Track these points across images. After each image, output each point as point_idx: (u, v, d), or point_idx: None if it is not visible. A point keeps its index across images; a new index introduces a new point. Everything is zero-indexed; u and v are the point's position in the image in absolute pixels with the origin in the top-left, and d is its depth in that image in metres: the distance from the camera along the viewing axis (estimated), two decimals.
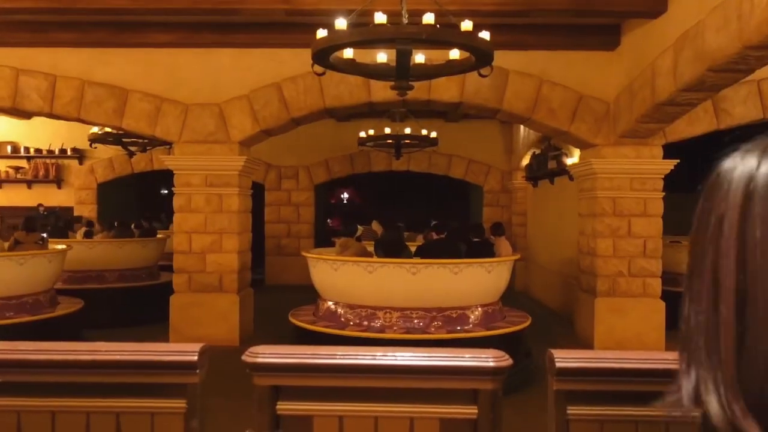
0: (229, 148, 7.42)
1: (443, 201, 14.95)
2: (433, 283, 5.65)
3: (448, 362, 1.44)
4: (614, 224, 7.36)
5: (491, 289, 6.07)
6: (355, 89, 7.32)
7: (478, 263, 5.89)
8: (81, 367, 1.49)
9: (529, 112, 7.37)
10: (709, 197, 0.71)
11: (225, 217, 7.46)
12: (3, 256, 6.39)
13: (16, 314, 6.33)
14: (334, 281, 6.01)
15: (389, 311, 5.73)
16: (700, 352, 0.66)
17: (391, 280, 5.65)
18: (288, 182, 13.34)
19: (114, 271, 8.57)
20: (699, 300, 0.68)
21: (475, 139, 13.20)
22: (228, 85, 7.44)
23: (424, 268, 5.63)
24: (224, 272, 7.47)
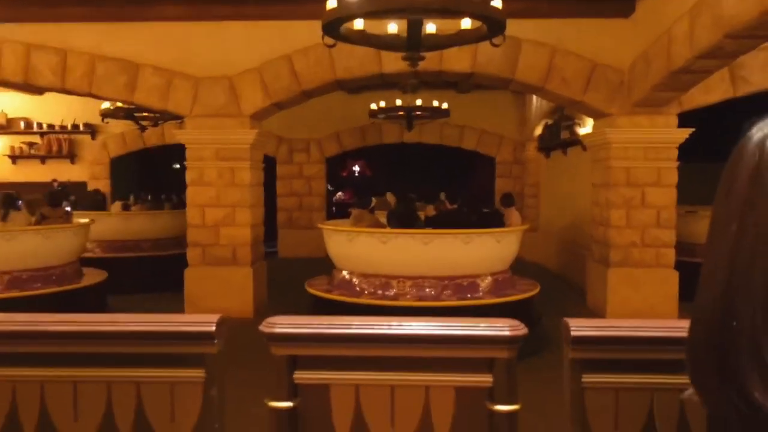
0: (241, 122, 7.42)
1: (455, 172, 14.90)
2: (445, 252, 5.82)
3: (464, 331, 1.45)
4: (628, 194, 7.31)
5: (501, 258, 6.25)
6: (365, 61, 7.26)
7: (488, 233, 6.07)
8: (102, 338, 1.52)
9: (542, 82, 7.29)
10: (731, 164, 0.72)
11: (237, 190, 7.49)
12: (30, 229, 6.64)
13: (44, 285, 6.56)
14: (349, 252, 6.19)
15: (402, 280, 5.90)
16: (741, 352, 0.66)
17: (404, 250, 5.84)
18: (299, 155, 13.34)
19: (148, 240, 9.34)
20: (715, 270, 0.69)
21: (487, 109, 13.09)
22: (239, 59, 7.40)
23: (435, 238, 5.81)
24: (237, 245, 7.52)
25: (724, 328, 0.67)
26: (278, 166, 13.32)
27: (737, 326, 0.66)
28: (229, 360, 1.69)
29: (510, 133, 13.24)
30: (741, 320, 0.66)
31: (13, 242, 6.37)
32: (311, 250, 12.96)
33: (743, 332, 0.66)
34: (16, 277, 6.44)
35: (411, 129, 10.89)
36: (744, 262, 0.67)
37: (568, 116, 9.75)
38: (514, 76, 7.31)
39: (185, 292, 7.53)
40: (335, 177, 18.05)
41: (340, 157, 15.30)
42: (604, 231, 7.53)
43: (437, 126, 12.73)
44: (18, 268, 6.44)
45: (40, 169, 13.05)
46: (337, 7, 4.20)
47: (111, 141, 13.17)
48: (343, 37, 4.55)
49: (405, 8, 4.17)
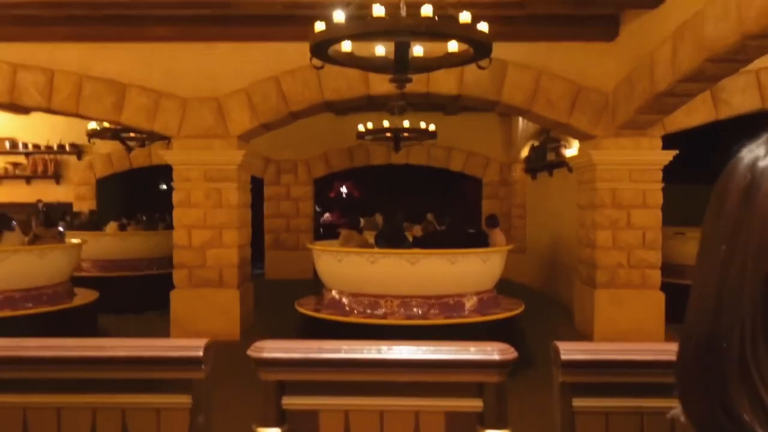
0: (228, 143, 7.41)
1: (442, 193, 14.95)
2: (432, 272, 6.03)
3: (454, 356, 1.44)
4: (614, 216, 7.37)
5: (486, 278, 6.46)
6: (353, 82, 7.30)
7: (474, 253, 6.30)
8: (87, 363, 1.49)
9: (527, 104, 7.36)
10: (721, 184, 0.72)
11: (224, 211, 7.45)
12: (24, 249, 6.71)
13: (36, 305, 6.60)
14: (338, 271, 6.36)
15: (390, 299, 6.06)
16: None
17: (391, 270, 6.02)
18: (287, 176, 13.33)
19: (143, 259, 9.44)
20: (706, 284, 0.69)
21: (474, 131, 13.18)
22: (227, 79, 7.42)
23: (422, 258, 6.02)
24: (224, 267, 7.47)
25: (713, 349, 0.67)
26: (266, 187, 13.29)
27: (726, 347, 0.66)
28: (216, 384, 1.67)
29: (497, 155, 13.33)
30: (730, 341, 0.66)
31: (6, 262, 6.42)
32: (299, 272, 12.89)
33: (732, 353, 0.66)
34: (8, 297, 6.47)
35: (398, 150, 10.95)
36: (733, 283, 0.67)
37: (554, 138, 9.83)
38: (500, 98, 7.38)
39: (171, 314, 7.45)
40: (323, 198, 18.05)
41: (328, 179, 15.28)
42: (591, 252, 7.57)
43: (425, 147, 12.80)
44: (11, 288, 6.48)
45: (25, 190, 12.93)
46: (326, 29, 4.24)
47: (97, 161, 13.10)
48: (331, 58, 4.59)
49: (392, 31, 4.21)
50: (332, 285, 6.50)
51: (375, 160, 13.46)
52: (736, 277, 0.66)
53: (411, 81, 4.70)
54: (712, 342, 0.67)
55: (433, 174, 14.14)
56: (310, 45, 4.33)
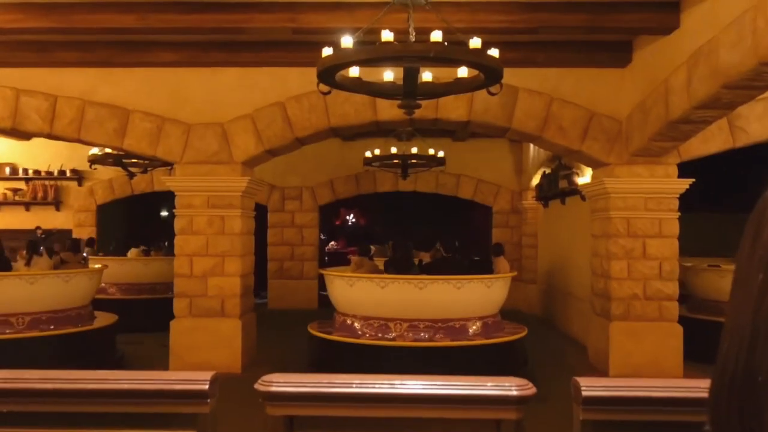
0: (232, 169, 7.45)
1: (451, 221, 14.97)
2: (438, 296, 6.64)
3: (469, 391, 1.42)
4: (628, 245, 7.33)
5: (490, 303, 7.04)
6: (360, 108, 7.36)
7: (479, 279, 6.93)
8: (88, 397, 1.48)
9: (539, 131, 7.39)
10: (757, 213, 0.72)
11: (227, 239, 7.46)
12: (52, 273, 7.37)
13: (59, 327, 7.21)
14: (350, 296, 6.97)
15: (399, 322, 6.66)
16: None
17: (400, 295, 6.64)
18: (291, 203, 13.37)
19: (163, 283, 10.08)
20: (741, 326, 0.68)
21: (484, 158, 13.23)
22: (232, 105, 7.49)
23: (430, 284, 6.64)
24: (226, 296, 7.45)
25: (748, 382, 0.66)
26: (269, 214, 13.33)
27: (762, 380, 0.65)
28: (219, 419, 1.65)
29: (507, 182, 13.35)
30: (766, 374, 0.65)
31: (36, 285, 7.08)
32: (303, 302, 12.86)
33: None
34: (36, 318, 7.09)
35: (406, 177, 10.97)
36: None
37: (567, 165, 9.84)
38: (511, 125, 7.41)
39: (171, 344, 7.41)
40: (328, 226, 18.07)
41: (334, 206, 15.33)
42: (605, 283, 7.52)
43: (433, 174, 12.84)
44: (38, 310, 7.10)
45: (24, 216, 13.00)
46: (333, 54, 4.29)
47: (98, 187, 13.18)
48: (338, 84, 4.63)
49: (401, 56, 4.25)
50: (344, 309, 7.09)
51: (382, 187, 13.50)
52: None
53: (420, 107, 4.73)
54: (747, 374, 0.66)
55: (442, 202, 14.16)
56: (318, 70, 4.37)
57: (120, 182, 12.94)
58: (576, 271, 9.81)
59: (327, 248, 17.86)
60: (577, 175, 9.43)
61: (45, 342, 6.92)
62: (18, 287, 6.95)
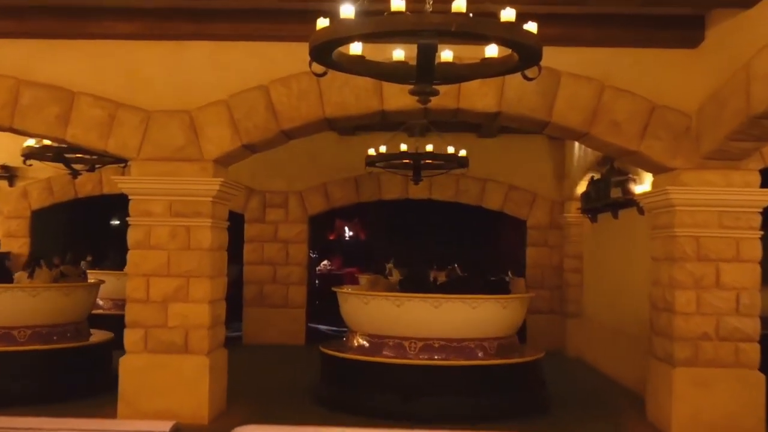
0: (202, 168, 7.46)
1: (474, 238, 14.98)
2: (454, 316, 8.08)
3: None
4: (698, 271, 7.31)
5: (507, 324, 8.48)
6: (363, 94, 7.37)
7: (494, 299, 8.35)
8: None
9: (586, 126, 7.39)
10: None
11: (194, 255, 7.47)
12: (54, 286, 8.76)
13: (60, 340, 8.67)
14: (365, 314, 8.47)
15: (414, 342, 8.01)
16: None
17: (416, 313, 8.07)
18: (275, 212, 13.40)
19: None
20: None
21: (517, 159, 13.24)
22: (202, 88, 7.51)
23: (445, 302, 8.09)
24: (191, 327, 7.44)
25: None
26: (247, 225, 13.36)
27: None
28: None
29: (545, 190, 13.35)
30: None
31: (38, 298, 8.51)
32: (287, 336, 12.86)
33: None
34: (37, 332, 8.52)
35: (419, 182, 10.97)
36: None
37: (620, 170, 9.83)
38: (551, 118, 7.41)
39: (120, 387, 7.39)
40: (320, 241, 18.10)
41: (328, 216, 15.38)
42: (668, 319, 7.49)
43: (452, 179, 12.85)
44: (40, 323, 8.53)
45: None
46: (330, 26, 4.29)
47: (34, 189, 13.23)
48: (335, 64, 4.64)
49: (415, 30, 4.25)
50: (357, 327, 8.60)
51: (388, 194, 13.52)
52: None
53: (437, 94, 4.73)
54: None
55: (463, 213, 14.17)
56: (311, 46, 4.38)
57: (61, 183, 12.99)
58: (631, 304, 9.77)
59: (318, 269, 17.91)
60: (633, 182, 9.42)
61: (44, 356, 8.41)
62: (20, 300, 8.41)
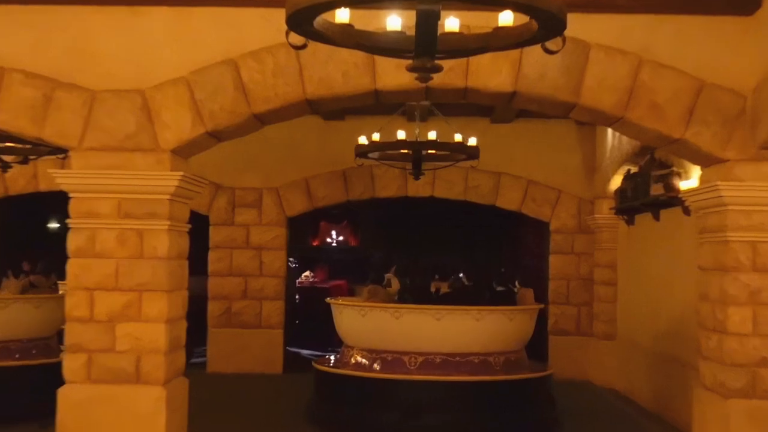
0: (157, 160, 7.44)
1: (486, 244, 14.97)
2: (456, 328, 8.93)
3: None
4: (755, 283, 7.31)
5: (514, 337, 9.34)
6: (352, 71, 7.36)
7: (500, 311, 9.20)
8: None
9: (621, 109, 7.38)
10: None
11: (147, 265, 7.44)
12: (22, 298, 9.52)
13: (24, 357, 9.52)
14: (362, 327, 9.29)
15: (414, 356, 8.79)
16: None
17: (416, 326, 8.93)
18: (246, 213, 13.38)
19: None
20: None
21: (538, 149, 13.25)
22: (158, 63, 7.49)
23: (447, 314, 8.93)
24: (144, 352, 7.42)
25: None
26: (212, 228, 13.34)
27: None
28: None
29: (572, 187, 13.35)
30: None
31: (6, 310, 9.33)
32: (261, 363, 12.83)
33: None
34: (3, 347, 9.20)
35: (419, 176, 10.96)
36: None
37: (662, 162, 9.83)
38: (578, 100, 7.40)
39: (58, 424, 7.37)
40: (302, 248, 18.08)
41: (310, 218, 15.36)
42: (718, 341, 7.49)
43: (460, 173, 12.85)
44: (8, 338, 9.29)
45: None
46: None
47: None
48: (318, 34, 4.62)
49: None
50: (354, 341, 9.44)
51: (383, 191, 13.51)
52: None
53: (440, 70, 4.71)
54: None
55: (473, 214, 14.16)
56: (288, 12, 4.37)
57: None
58: (674, 322, 9.78)
59: (299, 281, 17.89)
60: (678, 176, 9.42)
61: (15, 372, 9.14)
62: None
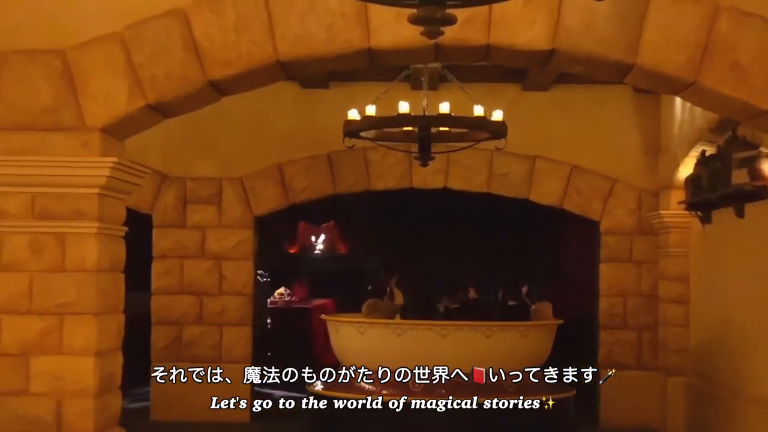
0: (83, 142, 7.45)
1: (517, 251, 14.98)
2: (464, 346, 10.21)
3: None
4: None
5: (528, 356, 10.51)
6: (338, 24, 7.38)
7: (512, 326, 10.52)
8: None
9: (692, 71, 7.39)
10: None
11: (71, 280, 7.45)
12: None
13: None
14: (360, 346, 10.64)
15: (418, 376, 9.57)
16: None
17: (420, 344, 10.19)
18: (201, 211, 13.38)
19: None
20: None
21: (584, 125, 13.24)
22: (83, 14, 7.50)
23: (454, 331, 10.30)
24: (67, 395, 7.43)
25: None
26: (157, 232, 13.33)
27: None
28: None
29: (630, 174, 13.33)
30: None
31: None
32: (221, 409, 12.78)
33: None
34: None
35: (428, 162, 10.95)
36: None
37: (748, 141, 9.82)
38: (636, 59, 7.41)
39: None
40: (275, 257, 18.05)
41: (286, 217, 15.36)
42: None
43: (482, 157, 12.84)
44: None
45: None
46: None
47: None
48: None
49: None
50: (351, 361, 10.69)
51: (380, 182, 13.50)
52: None
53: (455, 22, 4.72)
54: None
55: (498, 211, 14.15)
56: None
57: None
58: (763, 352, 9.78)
59: (272, 301, 17.87)
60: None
61: None
62: None
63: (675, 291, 12.86)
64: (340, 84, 12.58)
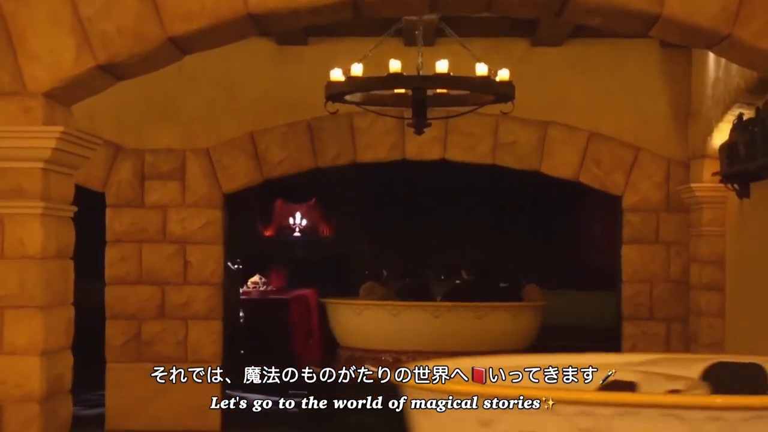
0: (23, 108, 7.45)
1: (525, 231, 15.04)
2: (456, 327, 12.23)
3: None
4: None
5: (516, 337, 12.42)
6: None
7: (503, 308, 12.71)
8: None
9: (727, 22, 7.41)
10: None
11: (12, 269, 7.47)
12: None
13: None
14: (357, 326, 12.83)
15: (413, 356, 11.09)
16: None
17: (414, 324, 12.25)
18: (162, 188, 13.39)
19: None
20: None
21: (604, 86, 13.26)
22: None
23: (446, 312, 12.49)
24: (8, 401, 7.45)
25: None
26: (110, 212, 13.34)
27: None
28: None
29: (656, 142, 13.36)
30: None
31: None
32: (187, 415, 12.82)
33: None
34: None
35: (423, 130, 10.97)
36: None
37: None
38: (662, 9, 7.42)
39: None
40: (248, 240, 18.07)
41: (260, 194, 15.40)
42: None
43: (486, 123, 12.88)
44: None
45: None
46: None
47: None
48: None
49: None
50: (348, 341, 13.06)
51: (369, 153, 13.54)
52: None
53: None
54: None
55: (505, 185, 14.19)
56: None
57: None
58: None
59: (244, 291, 17.88)
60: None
61: None
62: None
63: (709, 276, 12.87)
64: (322, 40, 12.59)
